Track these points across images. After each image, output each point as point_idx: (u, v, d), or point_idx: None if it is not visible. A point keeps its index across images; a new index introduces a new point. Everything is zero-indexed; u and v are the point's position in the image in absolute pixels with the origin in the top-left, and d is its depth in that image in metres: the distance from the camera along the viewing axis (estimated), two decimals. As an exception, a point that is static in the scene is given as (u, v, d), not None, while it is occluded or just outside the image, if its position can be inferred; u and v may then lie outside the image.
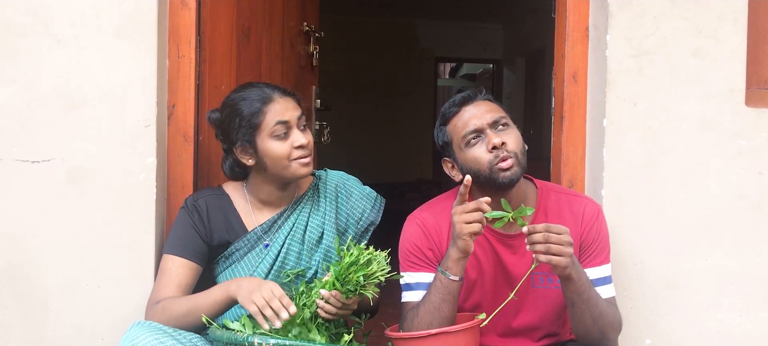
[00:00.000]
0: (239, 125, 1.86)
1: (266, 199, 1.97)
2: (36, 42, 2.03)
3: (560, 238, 1.62)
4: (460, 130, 1.84)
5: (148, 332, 1.64)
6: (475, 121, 1.82)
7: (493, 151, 1.78)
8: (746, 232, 2.15)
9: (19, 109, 2.03)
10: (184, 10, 2.13)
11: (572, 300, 1.72)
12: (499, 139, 1.78)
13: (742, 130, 2.13)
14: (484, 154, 1.80)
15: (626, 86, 2.12)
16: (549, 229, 1.63)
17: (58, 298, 2.05)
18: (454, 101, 1.88)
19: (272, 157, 1.86)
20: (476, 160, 1.81)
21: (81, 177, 2.04)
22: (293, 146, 1.85)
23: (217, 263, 1.95)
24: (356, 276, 1.69)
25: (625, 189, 2.13)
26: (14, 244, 2.05)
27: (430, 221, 1.90)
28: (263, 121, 1.84)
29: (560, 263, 1.63)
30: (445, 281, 1.73)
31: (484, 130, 1.81)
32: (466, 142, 1.83)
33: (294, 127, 1.86)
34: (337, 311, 1.71)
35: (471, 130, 1.81)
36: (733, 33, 2.13)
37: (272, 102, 1.85)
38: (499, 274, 1.88)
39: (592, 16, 2.24)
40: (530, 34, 7.25)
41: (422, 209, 1.96)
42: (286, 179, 1.91)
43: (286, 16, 2.72)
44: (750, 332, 2.15)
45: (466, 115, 1.84)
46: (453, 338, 1.66)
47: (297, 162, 1.86)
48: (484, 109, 1.84)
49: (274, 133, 1.84)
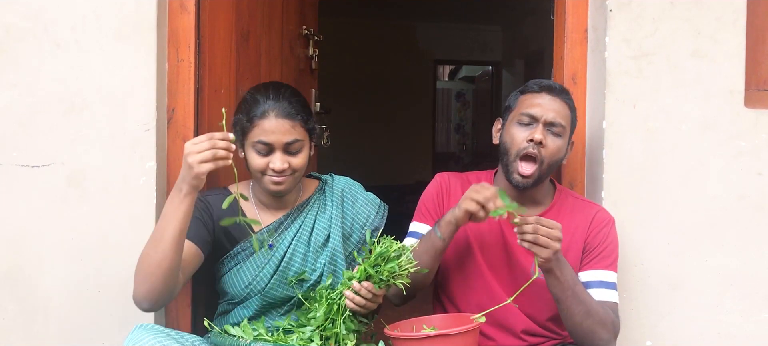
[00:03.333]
0: (237, 122, 1.90)
1: (266, 201, 1.98)
2: (36, 46, 2.03)
3: (550, 232, 1.67)
4: (524, 106, 1.90)
5: (150, 334, 1.63)
6: (538, 109, 1.88)
7: (530, 142, 1.85)
8: (747, 232, 2.15)
9: (20, 113, 2.03)
10: (183, 13, 2.13)
11: (556, 295, 1.77)
12: (541, 137, 1.84)
13: (741, 131, 2.14)
14: (522, 139, 1.87)
15: (626, 88, 2.12)
16: (539, 221, 1.68)
17: (58, 301, 2.05)
18: (541, 83, 1.94)
19: (250, 163, 1.89)
20: (513, 138, 1.89)
21: (81, 181, 2.04)
22: (268, 166, 1.85)
23: (223, 263, 1.95)
24: (387, 266, 1.74)
25: (625, 190, 2.13)
26: (15, 248, 2.05)
27: (450, 181, 2.05)
28: (251, 131, 1.85)
29: (541, 254, 1.68)
30: (433, 236, 1.83)
31: (538, 122, 1.87)
32: (519, 119, 1.90)
33: (277, 150, 1.84)
34: (366, 302, 1.76)
35: (530, 113, 1.88)
36: (733, 34, 2.13)
37: (265, 118, 1.83)
38: (500, 246, 1.95)
39: (591, 17, 2.24)
40: (529, 36, 7.26)
41: (450, 173, 2.09)
42: (263, 187, 1.92)
43: (285, 19, 2.73)
44: (752, 333, 2.15)
45: (537, 99, 1.90)
46: (452, 340, 1.66)
47: (269, 178, 1.87)
48: (553, 106, 1.89)
49: (255, 147, 1.85)
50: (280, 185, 1.87)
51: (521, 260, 1.93)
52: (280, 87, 1.92)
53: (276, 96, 1.87)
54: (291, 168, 1.86)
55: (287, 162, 1.85)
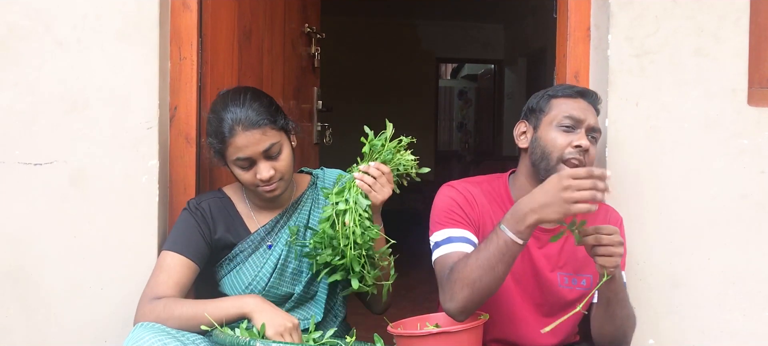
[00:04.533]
0: (210, 145, 1.87)
1: (260, 203, 1.97)
2: (38, 45, 2.03)
3: (612, 238, 1.60)
4: (564, 110, 1.84)
5: (152, 333, 1.63)
6: (580, 114, 1.82)
7: (576, 148, 1.79)
8: (749, 231, 2.14)
9: (22, 111, 2.03)
10: (185, 12, 2.13)
11: (608, 298, 1.71)
12: (586, 143, 1.79)
13: (744, 130, 2.13)
14: (566, 144, 1.80)
15: (628, 86, 2.12)
16: (599, 230, 1.61)
17: (60, 300, 2.05)
18: (575, 88, 1.90)
19: (239, 179, 1.87)
20: (554, 143, 1.81)
21: (83, 179, 2.04)
22: (256, 177, 1.83)
23: (221, 266, 1.95)
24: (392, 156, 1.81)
25: (628, 189, 2.12)
26: (17, 246, 2.05)
27: (469, 188, 1.89)
28: (227, 150, 1.82)
29: (609, 264, 1.60)
30: (509, 242, 1.59)
31: (581, 127, 1.82)
32: (559, 123, 1.83)
33: (259, 161, 1.82)
34: (374, 183, 1.79)
35: (573, 117, 1.82)
36: (735, 32, 2.12)
37: (234, 135, 1.79)
38: (527, 262, 1.87)
39: (594, 15, 2.24)
40: (531, 34, 7.26)
41: (459, 181, 1.95)
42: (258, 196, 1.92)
43: (288, 17, 2.72)
44: (754, 331, 2.15)
45: (577, 105, 1.85)
46: (456, 337, 1.65)
47: (261, 190, 1.86)
48: (590, 113, 1.85)
49: (236, 164, 1.84)
50: (274, 192, 1.86)
51: (546, 273, 1.87)
52: (240, 94, 1.85)
53: (236, 107, 1.81)
54: (278, 172, 1.84)
55: (272, 168, 1.83)
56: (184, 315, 1.75)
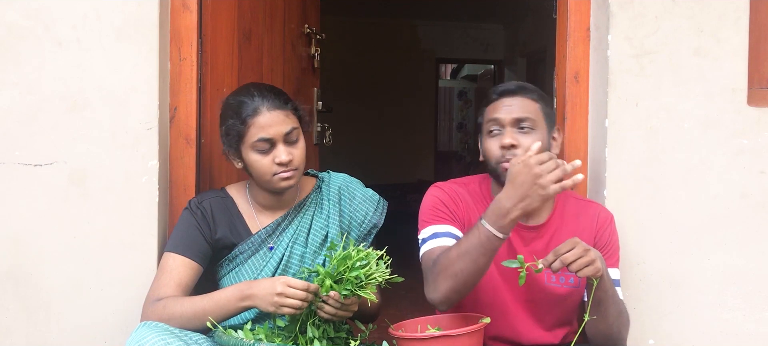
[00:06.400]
0: (227, 132, 1.88)
1: (265, 203, 1.97)
2: (38, 45, 2.03)
3: (575, 252, 1.59)
4: (489, 117, 1.87)
5: (154, 332, 1.63)
6: (502, 114, 1.84)
7: (502, 149, 1.81)
8: (749, 231, 2.14)
9: (21, 112, 2.03)
10: (185, 12, 2.13)
11: (600, 298, 1.71)
12: (510, 141, 1.80)
13: (744, 130, 2.13)
14: (496, 149, 1.83)
15: (628, 86, 2.12)
16: (557, 253, 1.60)
17: (60, 300, 2.05)
18: (497, 89, 1.91)
19: (254, 169, 1.87)
20: (488, 151, 1.86)
21: (83, 180, 2.04)
22: (274, 162, 1.84)
23: (221, 266, 1.95)
24: (351, 275, 1.66)
25: (628, 189, 2.12)
26: (17, 247, 2.05)
27: (455, 188, 1.94)
28: (247, 133, 1.83)
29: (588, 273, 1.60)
30: (491, 236, 1.63)
31: (504, 126, 1.83)
32: (488, 130, 1.87)
33: (279, 143, 1.84)
34: (336, 311, 1.69)
35: (496, 119, 1.84)
36: (735, 32, 2.12)
37: (258, 115, 1.82)
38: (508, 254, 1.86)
39: (594, 16, 2.24)
40: (531, 34, 7.25)
41: (446, 182, 1.99)
42: (270, 190, 1.91)
43: (288, 18, 2.72)
44: (754, 332, 2.15)
45: (498, 105, 1.86)
46: (456, 341, 1.65)
47: (277, 176, 1.86)
48: (515, 106, 1.84)
49: (256, 147, 1.84)
50: (290, 179, 1.86)
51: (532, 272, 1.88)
52: (260, 85, 1.93)
53: (260, 93, 1.86)
54: (295, 160, 1.86)
55: (291, 153, 1.85)
56: (187, 313, 1.75)
